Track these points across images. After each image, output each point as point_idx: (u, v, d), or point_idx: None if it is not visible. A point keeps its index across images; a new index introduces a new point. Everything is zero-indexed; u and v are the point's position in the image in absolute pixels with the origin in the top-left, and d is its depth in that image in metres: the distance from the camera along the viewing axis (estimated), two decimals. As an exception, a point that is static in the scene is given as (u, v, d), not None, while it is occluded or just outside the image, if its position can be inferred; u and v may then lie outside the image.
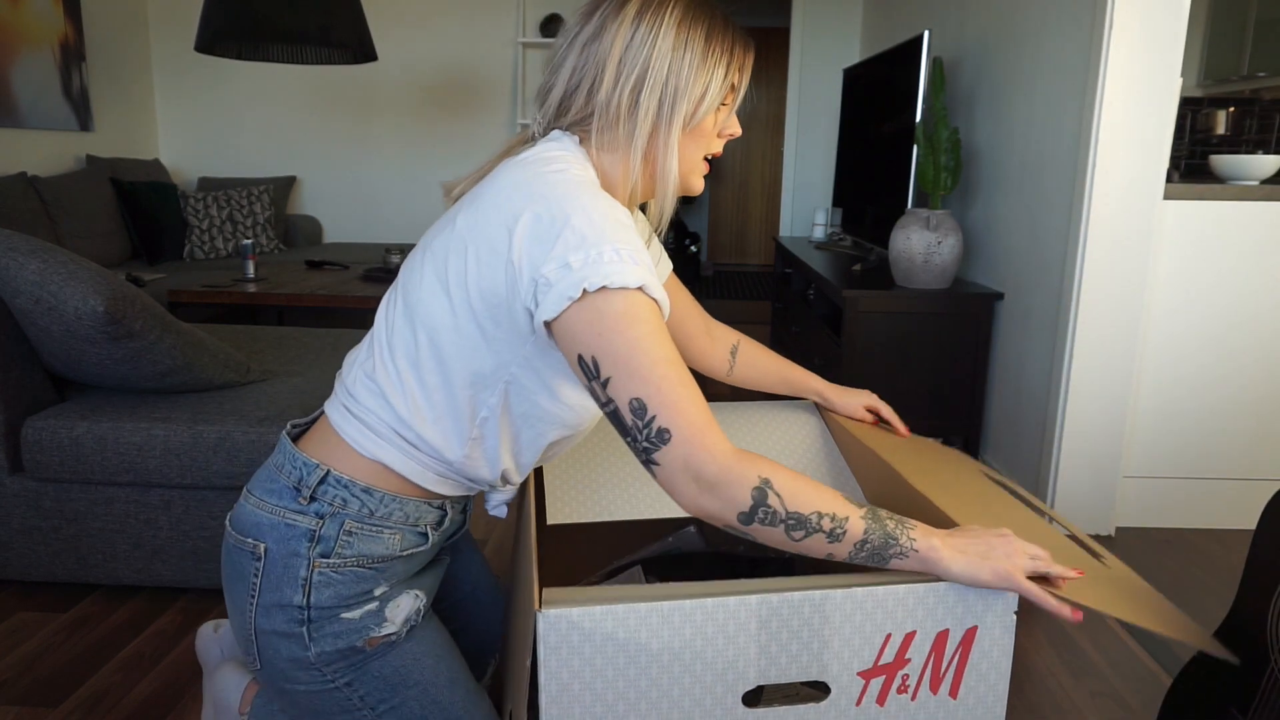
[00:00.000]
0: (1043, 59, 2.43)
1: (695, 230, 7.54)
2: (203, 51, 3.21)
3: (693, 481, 0.77)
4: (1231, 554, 2.20)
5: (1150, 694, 1.60)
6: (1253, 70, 3.61)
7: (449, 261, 0.87)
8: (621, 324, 0.77)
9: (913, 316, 2.66)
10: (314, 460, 0.91)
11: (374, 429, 0.91)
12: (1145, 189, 2.13)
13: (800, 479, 0.80)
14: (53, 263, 1.56)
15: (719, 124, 0.95)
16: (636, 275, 0.78)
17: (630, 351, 0.77)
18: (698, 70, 0.89)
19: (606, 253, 0.78)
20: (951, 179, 2.60)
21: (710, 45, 0.89)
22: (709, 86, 0.90)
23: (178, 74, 4.79)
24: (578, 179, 0.84)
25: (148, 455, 1.72)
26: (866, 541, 0.79)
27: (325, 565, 0.89)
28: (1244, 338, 2.27)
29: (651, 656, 0.77)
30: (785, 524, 0.78)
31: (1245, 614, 1.06)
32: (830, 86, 4.96)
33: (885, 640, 0.81)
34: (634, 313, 0.78)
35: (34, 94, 3.81)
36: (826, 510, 0.79)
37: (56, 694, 1.53)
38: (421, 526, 0.96)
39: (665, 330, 0.80)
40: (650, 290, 0.79)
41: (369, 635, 0.91)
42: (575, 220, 0.79)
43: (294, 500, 0.91)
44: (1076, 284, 2.19)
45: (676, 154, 0.91)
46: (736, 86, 0.93)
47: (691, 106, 0.89)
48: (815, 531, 0.78)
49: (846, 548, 0.80)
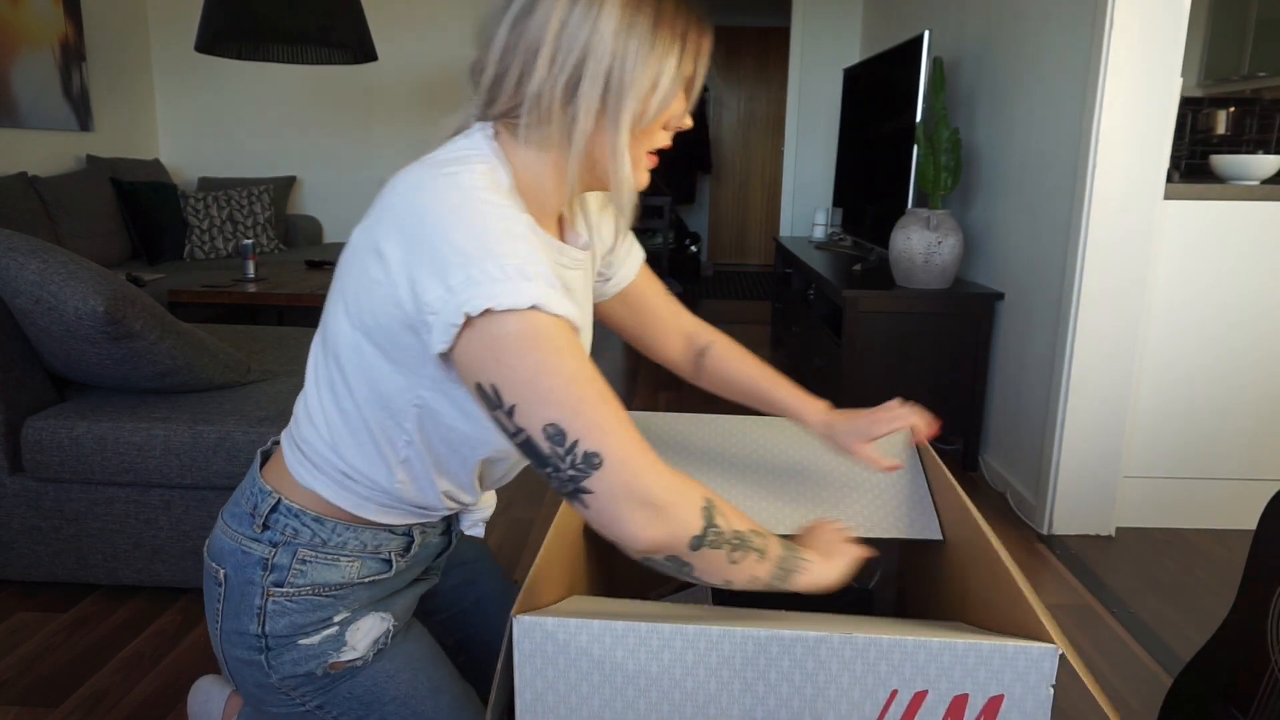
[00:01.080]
0: (1043, 59, 2.43)
1: (695, 230, 7.54)
2: (203, 51, 3.21)
3: (640, 508, 0.68)
4: (1231, 554, 2.20)
5: (1150, 694, 1.60)
6: (1253, 70, 3.61)
7: (346, 279, 0.79)
8: (521, 346, 0.68)
9: (913, 316, 2.66)
10: (269, 487, 0.88)
11: (310, 459, 0.87)
12: (1145, 189, 2.13)
13: (722, 499, 0.76)
14: (53, 263, 1.56)
15: (672, 119, 0.82)
16: (528, 293, 0.68)
17: (535, 374, 0.68)
18: (646, 58, 0.75)
19: (489, 270, 0.68)
20: (951, 179, 2.60)
21: (660, 28, 0.75)
22: (660, 78, 0.76)
23: (178, 74, 4.79)
24: (469, 186, 0.72)
25: (148, 455, 1.72)
26: (784, 558, 0.77)
27: (279, 594, 0.86)
28: (1244, 337, 2.27)
29: (628, 678, 0.74)
30: (730, 544, 0.72)
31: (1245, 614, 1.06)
32: (830, 86, 4.96)
33: (890, 697, 0.73)
34: (529, 332, 0.68)
35: (34, 94, 3.81)
36: (755, 527, 0.75)
37: (56, 694, 1.53)
38: (384, 554, 0.91)
39: (576, 346, 0.71)
40: (547, 307, 0.69)
41: (329, 660, 0.88)
42: (454, 235, 0.69)
43: (250, 527, 0.88)
44: (1077, 284, 2.19)
45: (628, 158, 0.78)
46: (692, 77, 0.80)
47: (640, 104, 0.76)
48: (750, 551, 0.74)
49: (770, 567, 0.75)
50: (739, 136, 7.67)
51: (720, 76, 7.54)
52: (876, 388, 2.72)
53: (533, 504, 2.41)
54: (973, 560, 0.94)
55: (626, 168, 0.78)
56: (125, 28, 4.52)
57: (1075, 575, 2.08)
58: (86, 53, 4.16)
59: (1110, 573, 2.10)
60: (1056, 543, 2.26)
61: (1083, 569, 2.11)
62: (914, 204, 2.85)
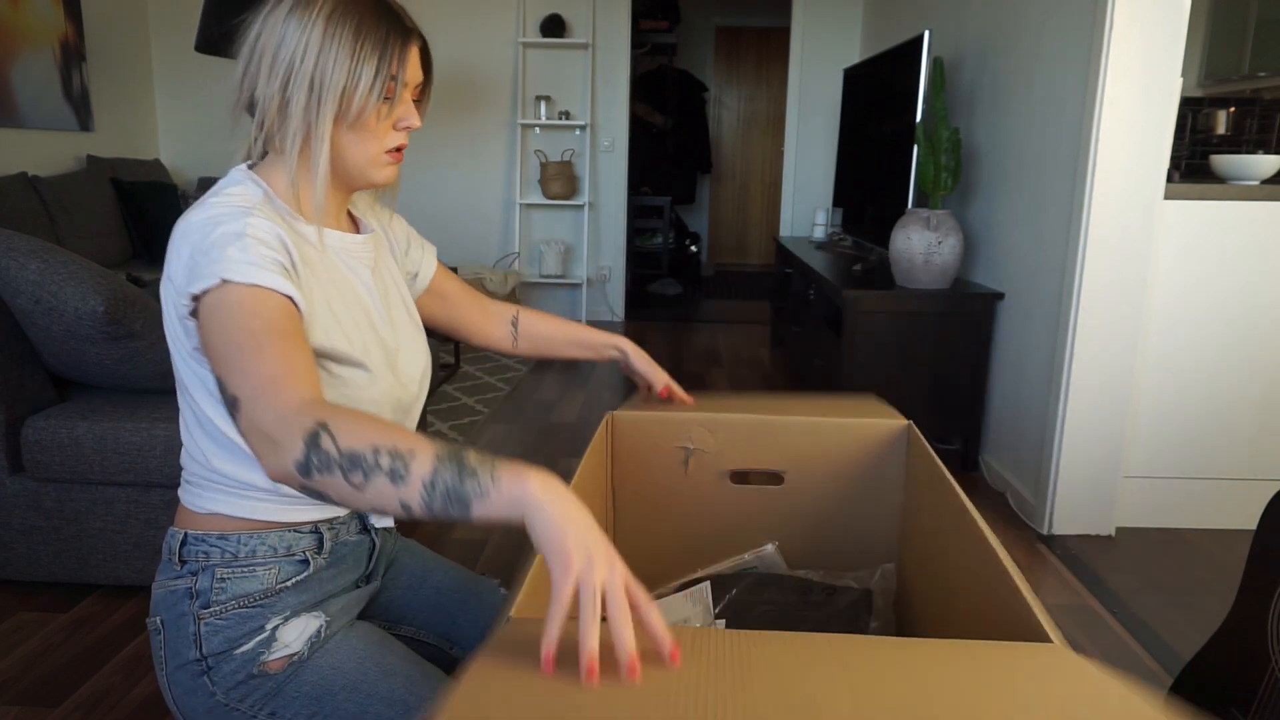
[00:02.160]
0: (1043, 59, 2.43)
1: (695, 230, 7.54)
2: (203, 51, 3.21)
3: (260, 441, 0.73)
4: (1231, 554, 2.20)
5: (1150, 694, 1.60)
6: (1253, 70, 3.61)
7: (164, 313, 0.91)
8: (214, 319, 0.79)
9: (913, 316, 2.66)
10: (175, 528, 0.95)
11: (198, 485, 0.94)
12: (1145, 189, 2.13)
13: (369, 419, 0.71)
14: (53, 263, 1.56)
15: (389, 116, 0.92)
16: (231, 270, 0.79)
17: (219, 341, 0.78)
18: (345, 62, 0.87)
19: (211, 256, 0.80)
20: (952, 179, 2.60)
21: (360, 36, 0.87)
22: (360, 77, 0.87)
23: (178, 74, 4.79)
24: (211, 216, 0.84)
25: (148, 455, 1.72)
26: (437, 480, 0.67)
27: (209, 614, 0.91)
28: (1244, 337, 2.27)
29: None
30: (340, 468, 0.69)
31: (1245, 614, 1.06)
32: (830, 86, 4.96)
33: None
34: (225, 303, 0.79)
35: (34, 94, 3.81)
36: (387, 445, 0.69)
37: (56, 694, 1.53)
38: (298, 554, 0.96)
39: (263, 309, 0.79)
40: (250, 279, 0.80)
41: (265, 659, 0.92)
42: (184, 245, 0.83)
43: (171, 569, 0.94)
44: (1077, 284, 2.19)
45: (327, 146, 0.89)
46: (396, 76, 0.90)
47: (341, 100, 0.88)
48: (375, 471, 0.68)
49: (415, 490, 0.68)
50: (739, 136, 7.67)
51: (720, 76, 7.54)
52: (876, 388, 2.72)
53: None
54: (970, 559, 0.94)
55: (323, 154, 0.89)
56: (125, 28, 4.52)
57: (1075, 575, 2.08)
58: (86, 53, 4.16)
59: (1110, 573, 2.10)
60: (1056, 543, 2.26)
61: (1083, 569, 2.11)
62: (914, 204, 2.85)
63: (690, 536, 1.31)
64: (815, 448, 1.26)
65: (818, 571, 1.23)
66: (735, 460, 1.26)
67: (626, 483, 1.29)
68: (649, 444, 1.27)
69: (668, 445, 1.27)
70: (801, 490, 1.27)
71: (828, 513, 1.28)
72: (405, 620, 1.12)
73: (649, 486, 1.29)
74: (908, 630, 1.17)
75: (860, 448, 1.26)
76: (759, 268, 7.72)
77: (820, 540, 1.29)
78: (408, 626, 1.12)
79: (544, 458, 2.78)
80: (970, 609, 0.93)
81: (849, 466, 1.26)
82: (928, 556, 1.11)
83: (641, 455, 1.28)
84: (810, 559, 1.29)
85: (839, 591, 1.15)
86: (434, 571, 1.16)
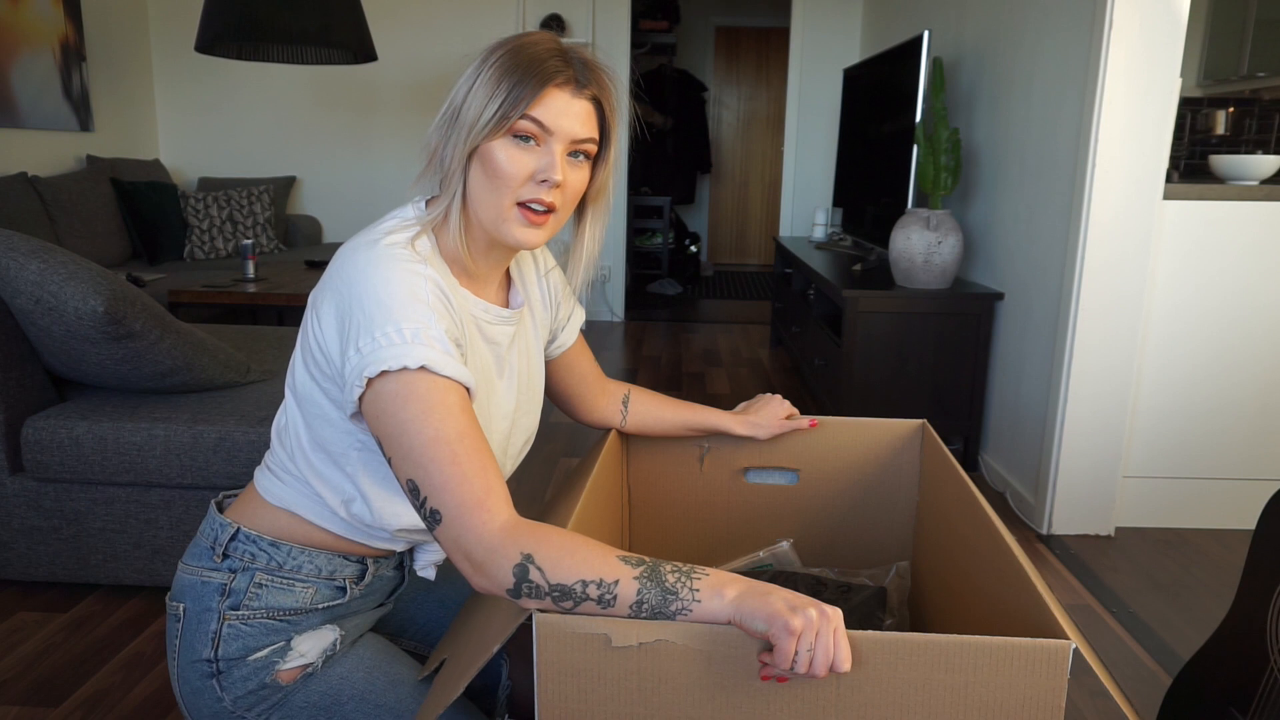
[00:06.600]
0: (1043, 59, 2.43)
1: (695, 230, 7.54)
2: (203, 51, 3.21)
3: (464, 560, 0.77)
4: (1231, 554, 2.20)
5: (1150, 694, 1.60)
6: (1252, 70, 3.61)
7: (303, 330, 0.89)
8: (394, 406, 0.78)
9: (913, 316, 2.66)
10: (228, 520, 0.95)
11: (278, 475, 0.94)
12: (1145, 189, 2.13)
13: (571, 545, 0.75)
14: (53, 263, 1.56)
15: (523, 162, 0.85)
16: (415, 355, 0.77)
17: (400, 433, 0.78)
18: (483, 89, 0.84)
19: (389, 333, 0.78)
20: (951, 179, 2.61)
21: (513, 71, 0.84)
22: (487, 105, 0.83)
23: (178, 74, 4.79)
24: (383, 254, 0.82)
25: (148, 455, 1.72)
26: (642, 603, 0.74)
27: (235, 617, 0.91)
28: (1244, 337, 2.27)
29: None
30: (551, 597, 0.74)
31: (1244, 614, 1.06)
32: (830, 86, 4.96)
33: None
34: (406, 393, 0.78)
35: (34, 94, 3.81)
36: (592, 577, 0.74)
37: (56, 694, 1.53)
38: (339, 580, 0.96)
39: (449, 406, 0.78)
40: (436, 368, 0.78)
41: (278, 669, 0.92)
42: (365, 301, 0.80)
43: (210, 559, 0.94)
44: (1076, 284, 2.19)
45: (459, 180, 0.86)
46: (534, 117, 0.84)
47: (471, 130, 0.84)
48: (583, 601, 0.74)
49: (622, 613, 0.75)
50: (739, 136, 7.67)
51: (720, 76, 7.54)
52: (876, 388, 2.72)
53: (535, 502, 2.41)
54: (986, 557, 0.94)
55: (457, 181, 0.86)
56: (125, 28, 4.52)
57: (1075, 575, 2.08)
58: (86, 53, 4.15)
59: (1110, 573, 2.10)
60: (1056, 542, 2.26)
61: (1082, 569, 2.11)
62: (914, 204, 2.85)
63: (705, 534, 1.31)
64: (830, 446, 1.26)
65: (832, 569, 1.23)
66: (750, 458, 1.27)
67: (641, 480, 1.29)
68: (664, 441, 1.27)
69: (683, 442, 1.27)
70: (816, 488, 1.28)
71: (842, 510, 1.28)
72: (407, 633, 1.12)
73: (664, 484, 1.29)
74: (922, 628, 1.17)
75: (875, 446, 1.26)
76: (759, 268, 7.72)
77: (835, 538, 1.29)
78: (409, 639, 1.12)
79: (544, 458, 2.78)
80: (985, 607, 0.93)
81: (863, 465, 1.26)
82: (942, 554, 1.11)
83: (657, 453, 1.28)
84: (825, 556, 1.29)
85: (853, 589, 1.15)
86: (437, 585, 1.16)
